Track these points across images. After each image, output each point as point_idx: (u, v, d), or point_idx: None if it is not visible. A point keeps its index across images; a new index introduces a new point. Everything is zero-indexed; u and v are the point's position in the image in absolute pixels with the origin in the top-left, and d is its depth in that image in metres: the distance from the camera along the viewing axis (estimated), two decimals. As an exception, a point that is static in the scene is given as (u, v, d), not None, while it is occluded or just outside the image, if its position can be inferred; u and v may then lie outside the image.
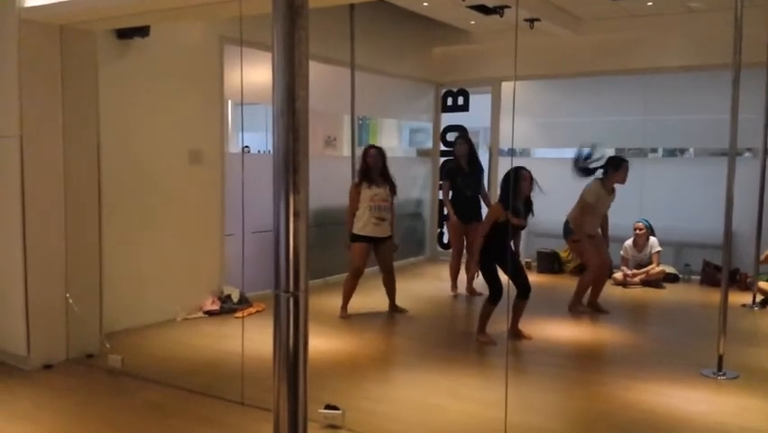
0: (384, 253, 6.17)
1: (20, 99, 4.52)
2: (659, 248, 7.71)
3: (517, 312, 5.41)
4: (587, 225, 6.24)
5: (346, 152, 8.63)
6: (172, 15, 4.74)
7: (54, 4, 4.40)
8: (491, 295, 5.29)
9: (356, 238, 6.08)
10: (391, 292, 6.30)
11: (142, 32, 5.37)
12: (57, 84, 4.71)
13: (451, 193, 7.15)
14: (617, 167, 6.24)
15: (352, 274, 6.14)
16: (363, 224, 6.05)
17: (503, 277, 5.25)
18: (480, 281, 7.04)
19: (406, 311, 6.28)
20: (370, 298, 6.48)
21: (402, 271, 8.33)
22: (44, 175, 4.67)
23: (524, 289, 5.33)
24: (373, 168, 6.12)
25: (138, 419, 3.87)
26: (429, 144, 9.96)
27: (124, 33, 5.38)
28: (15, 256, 4.62)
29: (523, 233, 7.68)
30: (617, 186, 6.31)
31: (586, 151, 6.32)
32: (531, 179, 5.29)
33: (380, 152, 6.24)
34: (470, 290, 7.03)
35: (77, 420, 3.85)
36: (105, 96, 5.09)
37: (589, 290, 6.38)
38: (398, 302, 6.32)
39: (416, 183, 9.65)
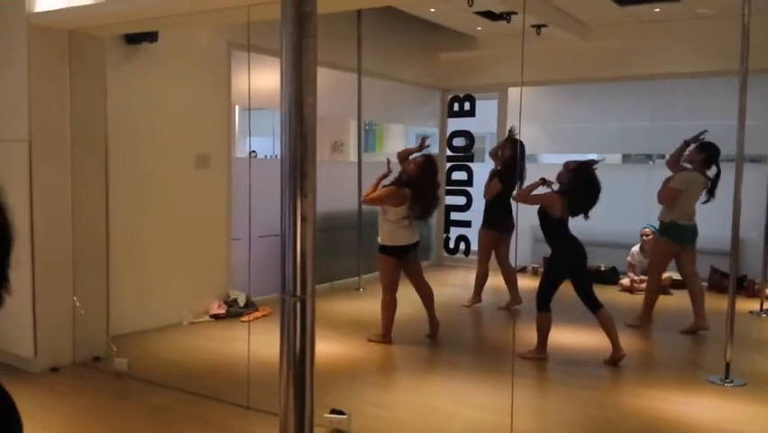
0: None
1: (29, 104, 4.55)
2: (666, 254, 7.67)
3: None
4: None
5: (353, 157, 8.65)
6: (181, 21, 4.76)
7: (63, 9, 4.43)
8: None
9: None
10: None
11: (151, 37, 5.40)
12: (65, 88, 4.74)
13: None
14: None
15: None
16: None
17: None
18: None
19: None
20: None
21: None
22: (52, 178, 4.69)
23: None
24: None
25: (144, 422, 3.88)
26: (436, 150, 9.95)
27: (133, 38, 5.41)
28: (23, 259, 4.64)
29: (530, 238, 7.63)
30: None
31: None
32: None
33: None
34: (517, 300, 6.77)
35: (83, 423, 3.86)
36: (114, 100, 5.12)
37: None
38: (405, 307, 6.25)
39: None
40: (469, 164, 9.33)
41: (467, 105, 9.38)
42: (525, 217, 6.04)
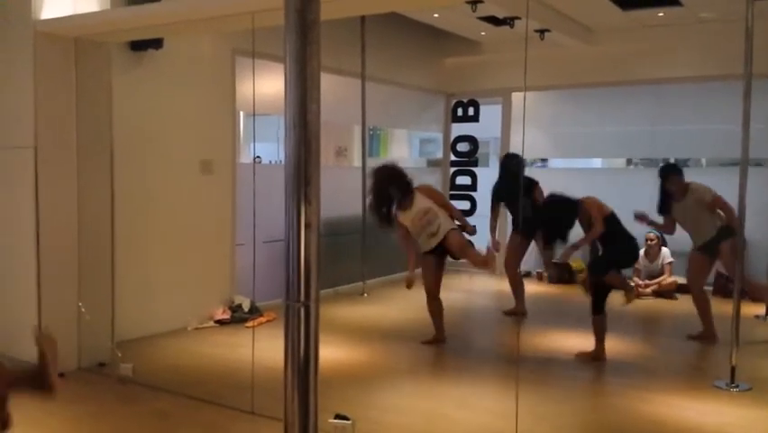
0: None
1: (35, 110, 4.58)
2: (671, 259, 7.66)
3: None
4: None
5: (357, 162, 8.66)
6: (185, 28, 4.79)
7: (69, 17, 4.46)
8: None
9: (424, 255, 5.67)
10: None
11: (156, 44, 5.42)
12: (71, 95, 4.76)
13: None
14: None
15: (428, 296, 5.71)
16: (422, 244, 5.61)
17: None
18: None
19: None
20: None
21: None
22: (58, 184, 4.72)
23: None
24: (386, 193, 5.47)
25: (148, 427, 3.89)
26: (439, 155, 9.97)
27: (138, 45, 5.43)
28: (29, 265, 4.66)
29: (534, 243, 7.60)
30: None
31: None
32: None
33: (389, 172, 5.53)
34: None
35: (88, 429, 3.87)
36: (119, 107, 5.14)
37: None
38: (409, 312, 6.28)
39: (427, 193, 9.63)
40: (473, 169, 9.35)
41: (471, 111, 9.40)
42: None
